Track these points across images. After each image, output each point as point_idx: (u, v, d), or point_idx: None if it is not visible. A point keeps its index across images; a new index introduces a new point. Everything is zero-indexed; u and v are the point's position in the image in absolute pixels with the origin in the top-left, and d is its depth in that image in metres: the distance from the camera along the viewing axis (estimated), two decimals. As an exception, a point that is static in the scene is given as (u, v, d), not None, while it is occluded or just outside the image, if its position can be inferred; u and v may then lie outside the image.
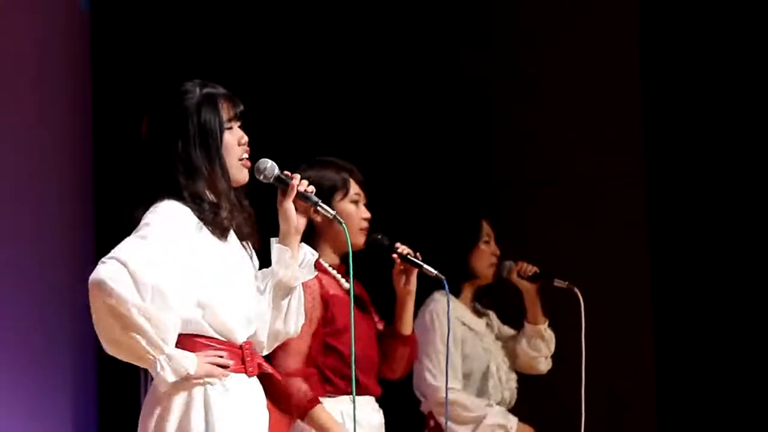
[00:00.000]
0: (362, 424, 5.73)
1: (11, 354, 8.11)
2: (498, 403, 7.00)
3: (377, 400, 6.18)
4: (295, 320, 5.16)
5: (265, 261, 5.16)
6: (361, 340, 5.77)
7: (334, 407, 5.89)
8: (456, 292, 6.96)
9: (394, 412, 6.35)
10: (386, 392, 6.30)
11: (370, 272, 5.96)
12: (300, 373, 5.70)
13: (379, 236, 6.06)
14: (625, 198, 9.79)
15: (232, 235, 5.04)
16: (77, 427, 8.80)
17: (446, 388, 6.65)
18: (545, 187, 9.64)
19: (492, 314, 7.29)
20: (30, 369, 8.38)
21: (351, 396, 5.71)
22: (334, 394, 5.93)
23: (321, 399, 5.87)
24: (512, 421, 6.85)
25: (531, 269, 7.13)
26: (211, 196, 4.98)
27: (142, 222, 4.89)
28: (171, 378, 4.78)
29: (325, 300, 5.87)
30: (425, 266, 6.09)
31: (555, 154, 9.99)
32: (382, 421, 6.24)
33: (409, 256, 6.06)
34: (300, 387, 5.64)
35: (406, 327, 6.13)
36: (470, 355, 6.89)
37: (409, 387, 7.08)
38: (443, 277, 6.16)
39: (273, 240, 5.12)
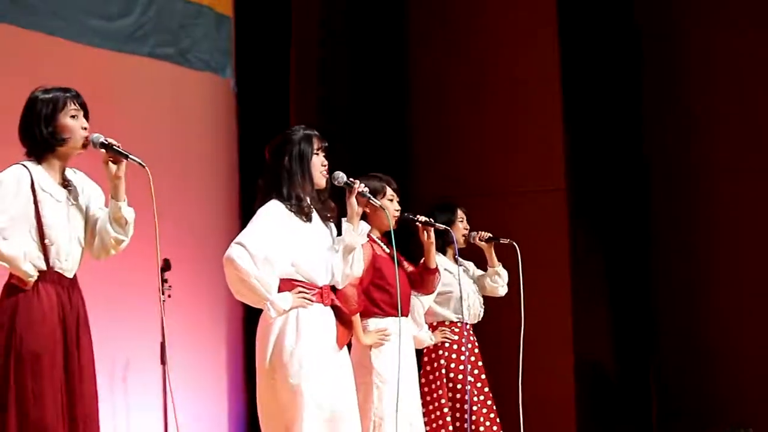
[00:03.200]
0: (400, 334, 5.78)
1: (189, 304, 8.14)
2: (468, 318, 6.91)
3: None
4: (357, 267, 5.22)
5: (339, 232, 5.22)
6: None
7: (381, 323, 5.90)
8: (443, 252, 6.90)
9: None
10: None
11: (401, 242, 5.91)
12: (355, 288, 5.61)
13: (405, 213, 6.10)
14: (549, 209, 9.60)
15: (316, 218, 5.11)
16: (229, 342, 8.87)
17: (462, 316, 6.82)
18: (481, 200, 9.36)
19: (471, 264, 7.22)
20: (197, 317, 8.45)
21: (392, 317, 5.89)
22: (381, 316, 5.91)
23: (371, 319, 5.90)
24: (425, 342, 6.63)
25: (485, 235, 7.07)
26: (300, 194, 5.03)
27: (255, 216, 5.02)
28: (273, 314, 4.92)
29: (374, 257, 5.87)
30: (437, 225, 6.21)
31: (489, 172, 9.84)
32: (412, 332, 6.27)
33: (427, 221, 6.13)
34: (354, 293, 5.54)
35: (432, 263, 6.13)
36: (449, 287, 6.75)
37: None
38: (450, 228, 6.48)
39: (343, 220, 5.20)
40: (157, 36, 8.24)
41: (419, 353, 6.50)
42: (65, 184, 4.50)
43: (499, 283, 7.13)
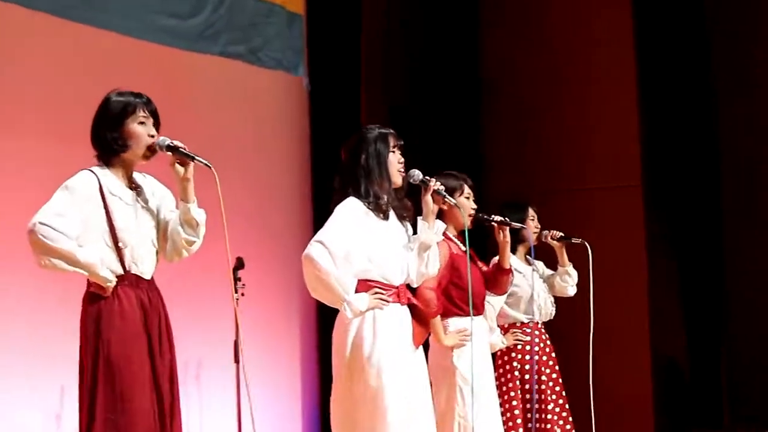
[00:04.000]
0: (477, 333, 5.74)
1: (264, 299, 8.15)
2: (539, 317, 6.82)
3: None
4: (432, 265, 5.15)
5: (415, 231, 5.15)
6: (473, 281, 5.67)
7: (461, 324, 5.81)
8: (514, 252, 6.74)
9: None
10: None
11: (477, 242, 5.85)
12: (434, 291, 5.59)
13: (480, 213, 6.01)
14: (625, 205, 9.54)
15: (392, 216, 5.04)
16: (302, 340, 8.86)
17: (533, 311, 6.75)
18: (555, 197, 9.39)
19: (540, 263, 7.09)
20: (273, 308, 8.45)
21: (469, 317, 5.75)
22: (461, 315, 5.81)
23: (451, 319, 5.82)
24: (497, 345, 6.53)
25: (557, 234, 6.94)
26: (378, 191, 4.96)
27: (333, 215, 4.95)
28: (350, 315, 4.86)
29: (452, 257, 5.78)
30: (512, 223, 6.13)
31: (563, 168, 9.79)
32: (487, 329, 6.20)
33: (502, 220, 6.05)
34: (433, 297, 5.52)
35: (506, 263, 6.05)
36: (519, 288, 6.68)
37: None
38: (525, 226, 6.43)
39: (419, 218, 5.14)
40: (227, 34, 8.25)
41: (492, 356, 6.39)
42: (133, 186, 4.47)
43: (569, 282, 7.04)
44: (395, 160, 5.03)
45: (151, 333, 4.36)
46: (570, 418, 6.77)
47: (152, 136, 4.40)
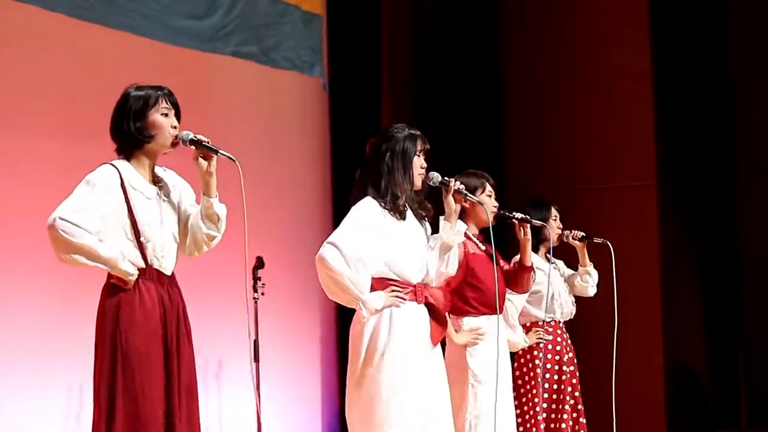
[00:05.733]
0: (496, 332, 5.66)
1: (282, 296, 8.16)
2: (560, 317, 6.81)
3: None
4: (453, 265, 5.13)
5: (435, 230, 5.14)
6: (493, 280, 5.64)
7: (474, 323, 5.79)
8: (535, 251, 6.74)
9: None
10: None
11: (495, 239, 5.77)
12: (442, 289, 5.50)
13: (502, 211, 5.97)
14: (640, 204, 9.53)
15: (411, 216, 5.01)
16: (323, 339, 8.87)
17: (546, 306, 6.72)
18: (571, 195, 9.34)
19: (561, 262, 7.07)
20: (293, 305, 8.47)
21: (486, 316, 5.80)
22: (476, 315, 5.80)
23: (466, 319, 5.80)
24: (518, 344, 6.49)
25: (579, 234, 6.90)
26: (397, 192, 4.93)
27: (347, 216, 4.93)
28: (366, 314, 4.85)
29: (467, 256, 5.75)
30: (533, 221, 6.10)
31: (579, 167, 9.79)
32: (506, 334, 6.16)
33: (524, 218, 6.00)
34: (440, 294, 5.36)
35: (528, 261, 6.00)
36: (541, 286, 6.62)
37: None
38: (546, 225, 6.42)
39: (441, 218, 5.12)
40: (239, 35, 8.25)
41: (513, 354, 6.40)
42: (155, 181, 4.46)
43: (589, 282, 7.02)
44: (418, 164, 5.01)
45: (169, 330, 4.34)
46: (581, 419, 6.76)
47: (174, 128, 4.39)
